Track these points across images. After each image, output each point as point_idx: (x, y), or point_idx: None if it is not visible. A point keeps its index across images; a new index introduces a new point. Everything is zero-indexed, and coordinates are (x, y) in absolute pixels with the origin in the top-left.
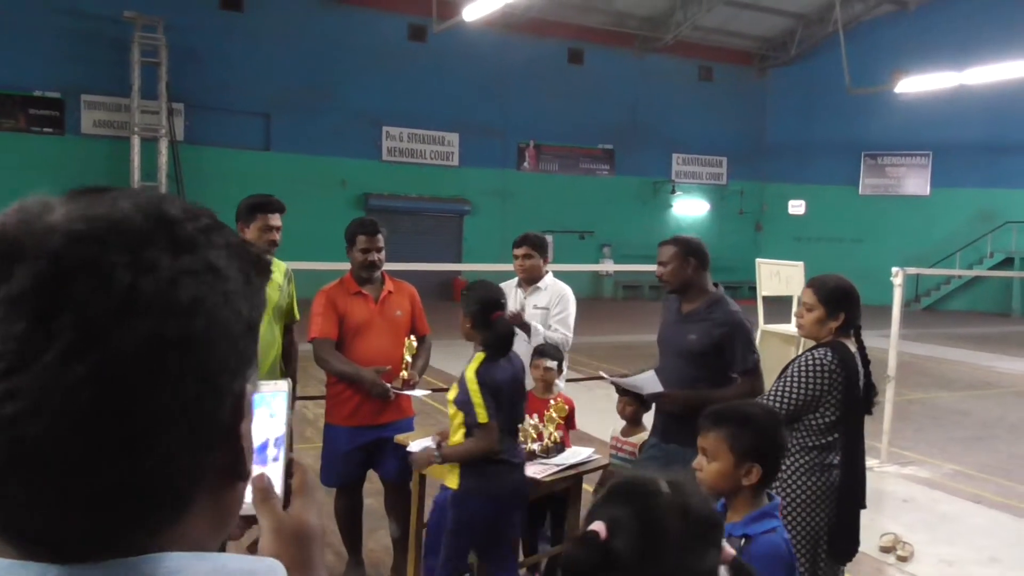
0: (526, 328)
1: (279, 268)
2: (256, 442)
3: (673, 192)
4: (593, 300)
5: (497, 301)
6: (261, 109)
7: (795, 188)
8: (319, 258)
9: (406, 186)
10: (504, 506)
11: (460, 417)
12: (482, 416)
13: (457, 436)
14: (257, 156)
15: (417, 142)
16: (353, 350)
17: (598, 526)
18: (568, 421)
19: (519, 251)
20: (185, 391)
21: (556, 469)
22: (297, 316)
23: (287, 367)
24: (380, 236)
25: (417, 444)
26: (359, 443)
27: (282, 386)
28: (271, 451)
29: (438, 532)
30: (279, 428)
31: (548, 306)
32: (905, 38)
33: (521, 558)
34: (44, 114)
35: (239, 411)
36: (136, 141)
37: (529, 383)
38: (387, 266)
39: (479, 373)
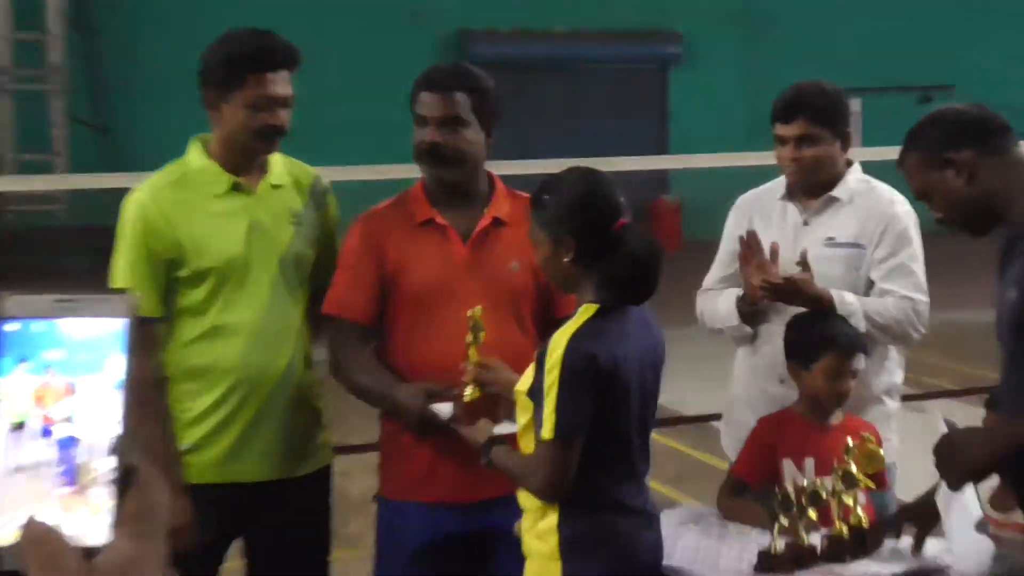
0: (820, 302)
1: (294, 179)
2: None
3: None
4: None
5: (616, 200)
6: None
7: None
8: (378, 159)
9: (542, 14)
10: None
11: (531, 411)
12: (547, 427)
13: (526, 440)
14: None
15: None
16: (416, 340)
17: None
18: (875, 476)
19: (787, 129)
20: None
21: None
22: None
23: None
24: (459, 97)
25: None
26: (441, 535)
27: (118, 308)
28: (86, 460)
29: None
30: (102, 416)
31: (858, 240)
32: None
33: None
34: None
35: None
36: None
37: (787, 395)
38: (512, 166)
39: (574, 341)
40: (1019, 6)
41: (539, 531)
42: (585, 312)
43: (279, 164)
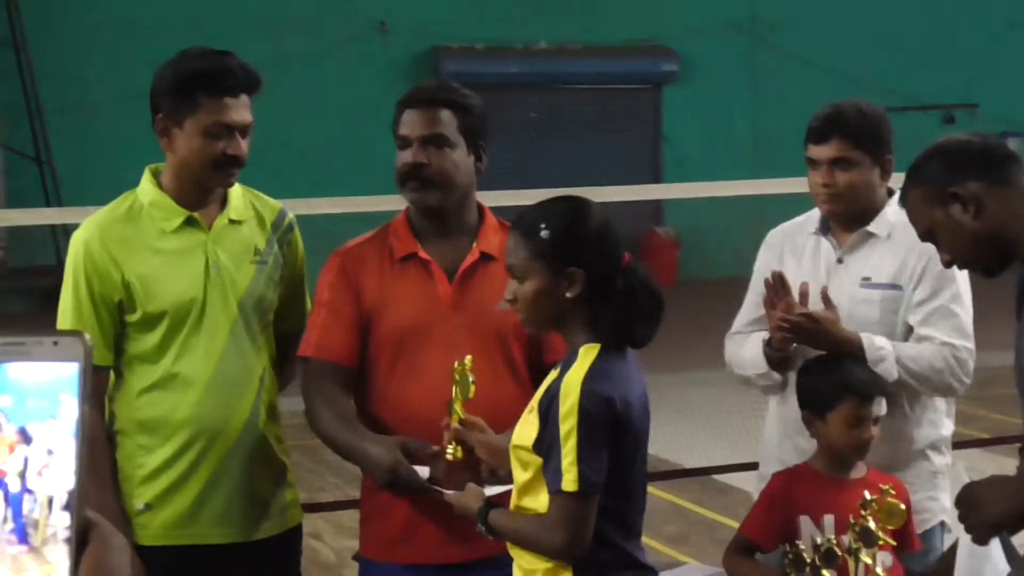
0: (848, 345)
1: (255, 213)
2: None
3: None
4: None
5: (611, 228)
6: None
7: None
8: (339, 191)
9: (522, 28)
10: None
11: (536, 467)
12: (569, 480)
13: (529, 498)
14: None
15: None
16: (395, 387)
17: None
18: (902, 535)
19: (820, 151)
20: None
21: None
22: (308, 308)
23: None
24: (443, 114)
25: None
26: None
27: (70, 351)
28: (41, 516)
29: None
30: (58, 467)
31: (896, 280)
32: None
33: None
34: None
35: None
36: None
37: (805, 445)
38: (496, 196)
39: (588, 385)
40: None
41: None
42: (589, 354)
43: (239, 197)
